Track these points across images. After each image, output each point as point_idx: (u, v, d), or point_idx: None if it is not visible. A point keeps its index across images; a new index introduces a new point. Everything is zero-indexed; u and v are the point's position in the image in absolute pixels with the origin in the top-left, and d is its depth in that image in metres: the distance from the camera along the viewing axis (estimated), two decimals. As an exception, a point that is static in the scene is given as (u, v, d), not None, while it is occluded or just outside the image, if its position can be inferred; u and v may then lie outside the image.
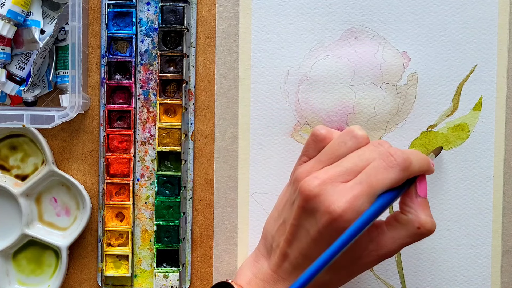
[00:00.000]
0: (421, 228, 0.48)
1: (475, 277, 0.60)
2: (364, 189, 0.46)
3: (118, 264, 0.60)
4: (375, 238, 0.48)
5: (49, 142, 0.60)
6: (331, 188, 0.46)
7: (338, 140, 0.49)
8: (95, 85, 0.60)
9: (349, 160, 0.48)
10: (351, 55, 0.59)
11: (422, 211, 0.48)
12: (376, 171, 0.46)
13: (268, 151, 0.59)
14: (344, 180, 0.47)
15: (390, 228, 0.49)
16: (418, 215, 0.48)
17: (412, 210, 0.48)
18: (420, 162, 0.48)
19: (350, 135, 0.49)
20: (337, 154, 0.49)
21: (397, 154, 0.47)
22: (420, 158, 0.48)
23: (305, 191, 0.47)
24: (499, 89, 0.59)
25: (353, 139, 0.49)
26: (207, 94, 0.60)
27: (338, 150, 0.49)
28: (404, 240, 0.48)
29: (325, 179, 0.47)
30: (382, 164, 0.46)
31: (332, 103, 0.59)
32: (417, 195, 0.48)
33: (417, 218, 0.48)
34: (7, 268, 0.60)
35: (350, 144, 0.49)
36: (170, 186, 0.59)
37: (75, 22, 0.56)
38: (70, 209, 0.60)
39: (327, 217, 0.45)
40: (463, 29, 0.59)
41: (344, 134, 0.49)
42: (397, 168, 0.46)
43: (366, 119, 0.59)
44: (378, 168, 0.46)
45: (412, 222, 0.48)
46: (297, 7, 0.59)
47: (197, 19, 0.60)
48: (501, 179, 0.59)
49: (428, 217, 0.48)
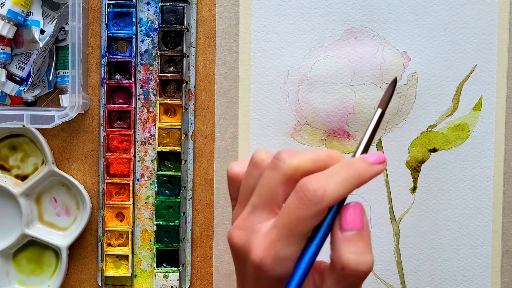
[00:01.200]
0: (345, 269, 0.38)
1: (475, 277, 0.60)
2: (279, 232, 0.40)
3: (118, 264, 0.60)
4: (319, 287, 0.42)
5: (49, 142, 0.60)
6: (252, 235, 0.41)
7: (246, 174, 0.43)
8: (95, 85, 0.60)
9: (255, 194, 0.41)
10: (351, 55, 0.59)
11: (346, 247, 0.39)
12: (289, 211, 0.39)
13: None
14: (261, 219, 0.41)
15: (327, 273, 0.41)
16: (340, 254, 0.38)
17: (334, 248, 0.39)
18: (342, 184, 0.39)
19: (252, 164, 0.42)
20: (250, 191, 0.42)
21: (307, 187, 0.39)
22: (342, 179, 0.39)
23: (230, 243, 0.42)
24: (499, 89, 0.59)
25: (255, 167, 0.42)
26: (207, 94, 0.60)
27: (249, 185, 0.42)
28: (338, 286, 0.39)
29: (243, 225, 0.42)
30: (294, 202, 0.39)
31: (332, 103, 0.59)
32: (341, 228, 0.39)
33: (339, 258, 0.38)
34: (7, 268, 0.60)
35: (255, 174, 0.42)
36: (170, 186, 0.59)
37: (75, 22, 0.56)
38: (70, 209, 0.60)
39: (252, 267, 0.41)
40: (463, 29, 0.59)
41: (249, 165, 0.43)
42: (309, 203, 0.38)
43: (366, 119, 0.59)
44: (290, 207, 0.39)
45: (335, 263, 0.39)
46: (297, 7, 0.59)
47: (197, 19, 0.60)
48: (501, 179, 0.59)
49: (354, 253, 0.38)
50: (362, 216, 0.39)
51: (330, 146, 0.59)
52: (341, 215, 0.40)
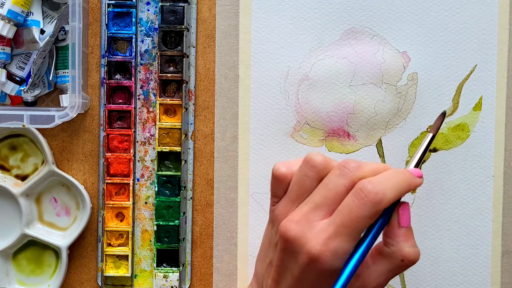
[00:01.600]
0: (405, 261, 0.46)
1: (475, 277, 0.60)
2: (338, 229, 0.44)
3: (118, 264, 0.60)
4: (360, 274, 0.47)
5: (49, 142, 0.60)
6: (308, 229, 0.45)
7: (299, 175, 0.48)
8: (95, 85, 0.60)
9: (318, 194, 0.46)
10: (351, 55, 0.59)
11: (405, 242, 0.46)
12: (349, 210, 0.45)
13: (268, 151, 0.59)
14: (320, 217, 0.46)
15: (374, 261, 0.47)
16: (401, 248, 0.46)
17: (394, 243, 0.46)
18: (396, 189, 0.45)
19: (308, 166, 0.47)
20: (305, 189, 0.47)
21: (368, 190, 0.44)
22: (396, 184, 0.46)
23: (284, 235, 0.46)
24: (499, 89, 0.59)
25: (313, 169, 0.47)
26: (207, 94, 0.60)
27: (303, 185, 0.47)
28: (389, 273, 0.47)
29: (301, 220, 0.46)
30: (354, 202, 0.45)
31: (332, 103, 0.59)
32: (399, 225, 0.47)
33: (400, 251, 0.46)
34: (7, 268, 0.60)
35: (312, 175, 0.47)
36: (170, 186, 0.59)
37: (75, 22, 0.56)
38: (70, 209, 0.60)
39: (307, 259, 0.45)
40: (463, 29, 0.59)
41: (303, 166, 0.47)
42: (370, 204, 0.44)
43: (366, 119, 0.59)
44: (350, 206, 0.45)
45: (396, 255, 0.46)
46: (297, 7, 0.59)
47: (197, 19, 0.60)
48: (501, 179, 0.59)
49: (412, 247, 0.46)
50: (409, 214, 0.47)
51: (330, 146, 0.59)
52: (400, 214, 0.47)
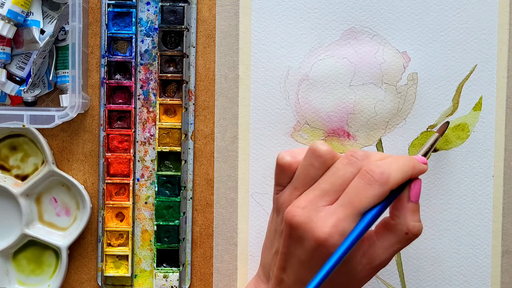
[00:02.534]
0: (409, 233, 0.48)
1: (475, 277, 0.60)
2: (346, 211, 0.45)
3: (118, 264, 0.60)
4: (366, 251, 0.48)
5: (49, 142, 0.60)
6: (315, 214, 0.46)
7: (305, 164, 0.48)
8: (95, 85, 0.60)
9: (326, 181, 0.47)
10: (351, 55, 0.59)
11: (411, 216, 0.48)
12: (356, 191, 0.46)
13: (268, 151, 0.59)
14: (326, 202, 0.47)
15: (379, 237, 0.49)
16: (406, 220, 0.48)
17: (401, 215, 0.48)
18: (401, 171, 0.47)
19: (314, 156, 0.48)
20: (310, 178, 0.48)
21: (373, 171, 0.46)
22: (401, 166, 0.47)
23: (290, 220, 0.47)
24: (499, 89, 0.59)
25: (318, 158, 0.48)
26: (207, 94, 0.60)
27: (309, 174, 0.48)
28: (395, 246, 0.48)
29: (307, 205, 0.47)
30: (360, 183, 0.46)
31: (332, 103, 0.59)
32: (409, 199, 0.48)
33: (405, 223, 0.48)
34: (7, 268, 0.60)
35: (318, 165, 0.48)
36: (170, 186, 0.59)
37: (75, 22, 0.56)
38: (70, 209, 0.60)
39: (314, 243, 0.45)
40: (463, 29, 0.59)
41: (308, 156, 0.48)
42: (376, 184, 0.46)
43: (366, 119, 0.59)
44: (357, 188, 0.46)
45: (400, 227, 0.48)
46: (297, 7, 0.59)
47: (197, 19, 0.60)
48: (501, 179, 0.59)
49: (416, 222, 0.48)
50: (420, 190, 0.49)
51: (330, 146, 0.59)
52: (411, 188, 0.48)
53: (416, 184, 0.48)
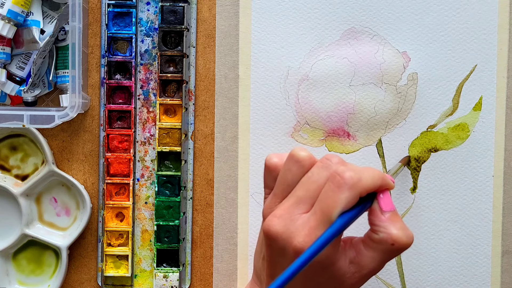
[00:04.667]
0: (396, 244, 0.46)
1: (475, 277, 0.60)
2: (318, 218, 0.44)
3: (118, 264, 0.60)
4: (354, 260, 0.47)
5: (49, 142, 0.60)
6: (290, 224, 0.45)
7: (284, 169, 0.48)
8: (95, 85, 0.60)
9: (301, 187, 0.46)
10: (351, 55, 0.59)
11: (392, 226, 0.46)
12: (326, 196, 0.45)
13: (268, 151, 0.59)
14: (302, 210, 0.46)
15: (366, 247, 0.47)
16: (389, 232, 0.46)
17: (381, 228, 0.46)
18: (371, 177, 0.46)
19: (292, 160, 0.47)
20: (288, 184, 0.47)
21: (344, 172, 0.45)
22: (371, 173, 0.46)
23: (267, 232, 0.46)
24: (499, 89, 0.59)
25: (296, 164, 0.47)
26: (207, 94, 0.60)
27: (287, 179, 0.47)
28: (383, 257, 0.47)
29: (283, 215, 0.46)
30: (331, 187, 0.45)
31: (332, 103, 0.59)
32: (382, 211, 0.46)
33: (389, 235, 0.46)
34: (7, 268, 0.60)
35: (295, 170, 0.47)
36: (170, 186, 0.59)
37: (75, 22, 0.56)
38: (70, 209, 0.60)
39: (293, 253, 0.45)
40: (463, 29, 0.59)
41: (287, 160, 0.47)
42: (345, 187, 0.44)
43: (366, 119, 0.59)
44: (328, 192, 0.45)
45: (385, 240, 0.46)
46: (297, 7, 0.59)
47: (197, 19, 0.60)
48: (501, 179, 0.59)
49: (401, 230, 0.46)
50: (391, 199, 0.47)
51: (330, 146, 0.59)
52: (379, 201, 0.46)
53: (385, 194, 0.47)
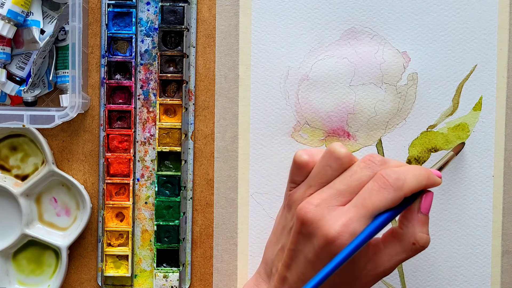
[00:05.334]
0: (416, 244, 0.48)
1: (475, 277, 0.60)
2: (358, 211, 0.46)
3: (118, 264, 0.60)
4: (372, 257, 0.48)
5: (49, 142, 0.60)
6: (327, 212, 0.46)
7: (322, 164, 0.49)
8: (95, 85, 0.60)
9: (342, 182, 0.48)
10: (351, 55, 0.59)
11: (419, 227, 0.48)
12: (370, 193, 0.46)
13: (268, 151, 0.59)
14: (339, 202, 0.47)
15: (386, 244, 0.49)
16: (415, 231, 0.48)
17: (410, 225, 0.48)
18: (416, 179, 0.47)
19: (332, 157, 0.49)
20: (326, 179, 0.49)
21: (389, 175, 0.46)
22: (416, 174, 0.47)
23: (302, 216, 0.47)
24: (499, 89, 0.59)
25: (337, 160, 0.48)
26: (207, 94, 0.60)
27: (326, 174, 0.49)
28: (400, 256, 0.48)
29: (320, 203, 0.47)
30: (375, 186, 0.46)
31: (332, 103, 0.59)
32: (419, 210, 0.48)
33: (413, 234, 0.48)
34: (7, 268, 0.60)
35: (335, 166, 0.48)
36: (170, 186, 0.59)
37: (75, 22, 0.56)
38: (70, 209, 0.60)
39: (323, 240, 0.45)
40: (463, 29, 0.59)
41: (326, 157, 0.49)
42: (390, 189, 0.46)
43: (366, 119, 0.59)
44: (372, 190, 0.46)
45: (408, 237, 0.48)
46: (297, 7, 0.59)
47: (197, 19, 0.60)
48: (501, 179, 0.59)
49: (424, 234, 0.48)
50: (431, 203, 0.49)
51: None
52: (422, 200, 0.48)
53: (428, 196, 0.49)
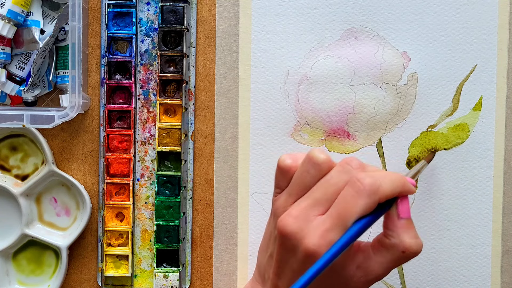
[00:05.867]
0: (406, 252, 0.46)
1: (475, 277, 0.60)
2: (334, 221, 0.45)
3: (118, 264, 0.60)
4: (362, 264, 0.47)
5: (49, 142, 0.60)
6: (305, 224, 0.45)
7: (301, 170, 0.48)
8: (95, 85, 0.60)
9: (318, 190, 0.46)
10: (351, 55, 0.59)
11: (405, 233, 0.46)
12: (345, 200, 0.45)
13: (268, 151, 0.59)
14: (318, 212, 0.46)
15: (376, 252, 0.47)
16: (402, 239, 0.46)
17: (395, 234, 0.46)
18: (392, 184, 0.45)
19: (311, 163, 0.47)
20: (305, 185, 0.47)
21: (364, 179, 0.45)
22: (392, 180, 0.46)
23: (282, 230, 0.46)
24: (499, 89, 0.59)
25: (315, 166, 0.47)
26: (207, 94, 0.60)
27: (304, 180, 0.47)
28: (391, 264, 0.47)
29: (299, 215, 0.46)
30: (349, 192, 0.45)
31: (332, 103, 0.59)
32: (399, 217, 0.46)
33: (401, 243, 0.46)
34: (7, 268, 0.60)
35: (313, 172, 0.47)
36: (170, 186, 0.59)
37: (75, 22, 0.56)
38: (70, 209, 0.60)
39: (304, 254, 0.45)
40: (463, 29, 0.59)
41: (305, 162, 0.47)
42: (364, 193, 0.44)
43: (366, 119, 0.59)
44: (346, 197, 0.45)
45: (397, 247, 0.46)
46: (297, 7, 0.59)
47: (197, 19, 0.60)
48: (501, 179, 0.59)
49: (413, 239, 0.46)
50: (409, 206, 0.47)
51: (330, 146, 0.59)
52: (399, 205, 0.46)
53: (403, 200, 0.47)
